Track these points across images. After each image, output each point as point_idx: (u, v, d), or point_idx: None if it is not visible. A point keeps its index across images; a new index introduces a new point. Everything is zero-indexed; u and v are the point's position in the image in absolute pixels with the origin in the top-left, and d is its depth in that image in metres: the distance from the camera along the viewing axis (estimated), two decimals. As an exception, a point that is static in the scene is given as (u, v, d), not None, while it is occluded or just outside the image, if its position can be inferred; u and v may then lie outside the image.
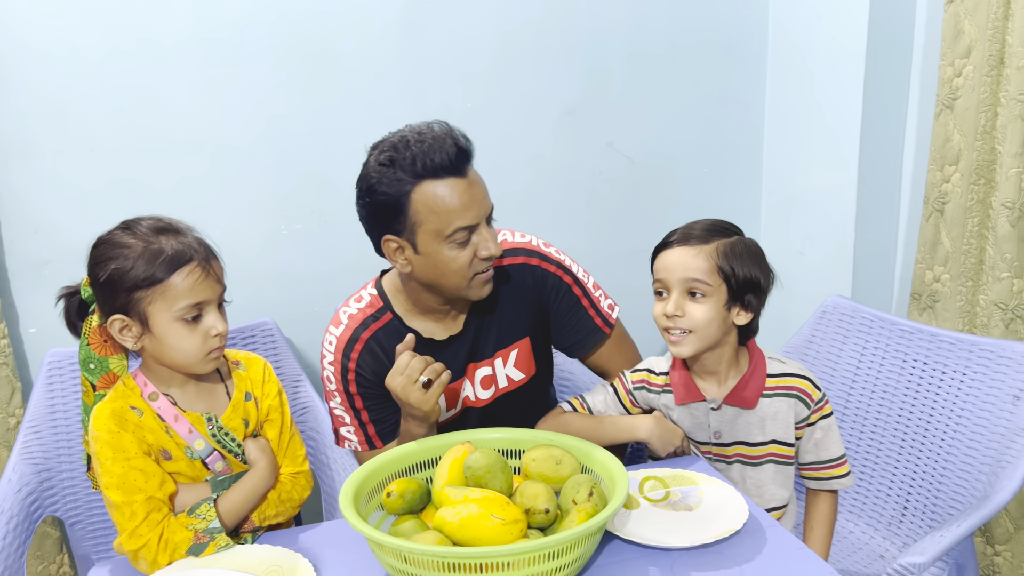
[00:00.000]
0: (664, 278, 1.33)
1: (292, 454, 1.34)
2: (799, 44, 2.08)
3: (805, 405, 1.37)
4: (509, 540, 1.04)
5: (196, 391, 1.26)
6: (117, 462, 1.16)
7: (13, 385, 1.75)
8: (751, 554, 1.13)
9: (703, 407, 1.39)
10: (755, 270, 1.33)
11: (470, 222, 1.30)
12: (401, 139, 1.31)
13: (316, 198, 1.92)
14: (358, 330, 1.43)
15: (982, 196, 1.77)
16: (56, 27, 1.69)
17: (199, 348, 1.18)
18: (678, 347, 1.34)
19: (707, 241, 1.31)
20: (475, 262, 1.33)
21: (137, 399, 1.22)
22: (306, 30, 1.83)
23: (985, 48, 1.68)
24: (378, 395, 1.44)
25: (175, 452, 1.22)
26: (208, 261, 1.19)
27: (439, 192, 1.29)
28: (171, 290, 1.15)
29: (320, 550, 1.17)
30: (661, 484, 1.28)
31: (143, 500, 1.16)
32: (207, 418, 1.24)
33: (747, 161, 2.24)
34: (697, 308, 1.31)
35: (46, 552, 1.82)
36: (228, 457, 1.26)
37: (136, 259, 1.14)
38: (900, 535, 1.63)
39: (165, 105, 1.78)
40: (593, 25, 2.02)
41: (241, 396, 1.29)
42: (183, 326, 1.17)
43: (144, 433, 1.20)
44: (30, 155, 1.73)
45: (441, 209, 1.29)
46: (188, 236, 1.20)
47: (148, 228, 1.18)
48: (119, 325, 1.17)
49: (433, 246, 1.31)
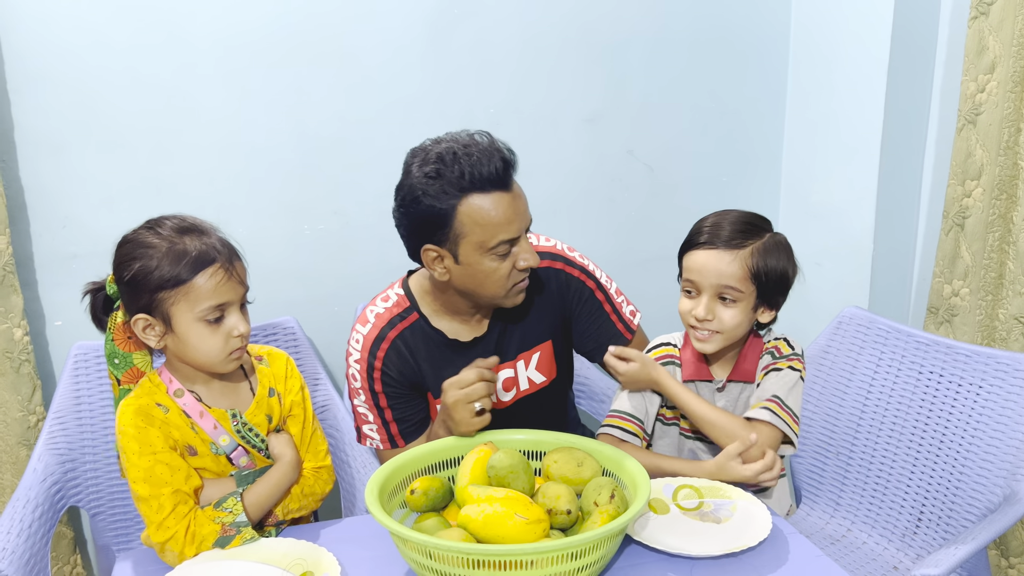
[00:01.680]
0: (696, 280, 1.34)
1: (315, 448, 1.35)
2: (820, 55, 2.09)
3: (772, 357, 1.40)
4: (532, 539, 1.05)
5: (220, 388, 1.27)
6: (144, 456, 1.18)
7: (34, 383, 1.76)
8: (770, 563, 1.15)
9: (709, 387, 1.41)
10: (785, 267, 1.35)
11: (514, 235, 1.32)
12: (448, 150, 1.30)
13: (339, 200, 1.94)
14: (385, 329, 1.44)
15: (1003, 211, 1.77)
16: (87, 26, 1.71)
17: (221, 348, 1.19)
18: (703, 344, 1.36)
19: (742, 245, 1.32)
20: (513, 273, 1.35)
21: (163, 396, 1.23)
22: (333, 36, 1.85)
23: (1010, 64, 1.69)
24: (402, 394, 1.46)
25: (201, 448, 1.23)
26: (231, 262, 1.19)
27: (485, 206, 1.30)
28: (194, 291, 1.16)
29: (342, 545, 1.19)
30: (696, 494, 1.28)
31: (170, 493, 1.17)
32: (231, 414, 1.25)
33: (766, 172, 2.25)
34: (727, 312, 1.33)
35: (61, 552, 1.83)
36: (252, 452, 1.27)
37: (161, 259, 1.15)
38: (914, 547, 1.64)
39: (193, 105, 1.81)
40: (615, 33, 2.04)
41: (265, 392, 1.30)
42: (206, 327, 1.17)
43: (170, 429, 1.21)
44: (60, 151, 1.76)
45: (487, 222, 1.30)
46: (212, 237, 1.20)
47: (173, 228, 1.18)
48: (143, 324, 1.19)
49: (475, 257, 1.32)
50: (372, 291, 1.55)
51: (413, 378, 1.46)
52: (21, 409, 1.74)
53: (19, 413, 1.74)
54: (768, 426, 1.32)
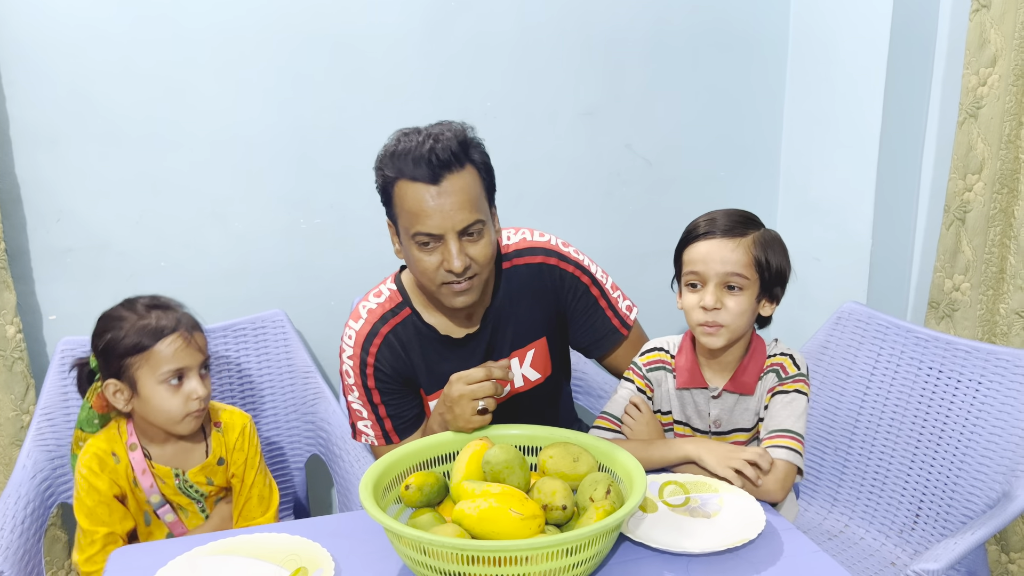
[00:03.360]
0: (701, 270, 1.32)
1: (260, 498, 1.50)
2: (820, 49, 2.08)
3: (777, 376, 1.37)
4: (527, 535, 1.04)
5: (175, 448, 1.44)
6: (90, 495, 1.37)
7: (27, 381, 1.73)
8: (767, 558, 1.14)
9: (704, 395, 1.40)
10: (782, 260, 1.34)
11: (431, 231, 1.30)
12: (405, 133, 1.34)
13: (335, 194, 1.93)
14: (377, 324, 1.44)
15: (1004, 205, 1.77)
16: (83, 20, 1.70)
17: (180, 409, 1.36)
18: (712, 339, 1.33)
19: (743, 234, 1.31)
20: (441, 271, 1.32)
21: (120, 446, 1.41)
22: (330, 28, 1.84)
23: (1011, 58, 1.68)
24: (396, 390, 1.45)
25: (130, 500, 1.43)
26: (191, 332, 1.37)
27: (408, 194, 1.30)
28: (155, 357, 1.34)
29: (336, 540, 1.18)
30: (682, 489, 1.28)
31: (104, 534, 1.37)
32: (175, 473, 1.43)
33: (764, 166, 2.24)
34: (733, 300, 1.31)
35: (55, 557, 1.81)
36: (186, 506, 1.46)
37: (128, 330, 1.34)
38: (912, 542, 1.63)
39: (189, 99, 1.80)
40: (613, 27, 2.02)
41: (214, 460, 1.46)
42: (166, 389, 1.35)
43: (117, 477, 1.40)
44: (55, 145, 1.75)
45: (407, 210, 1.31)
46: (177, 311, 1.39)
47: (143, 305, 1.38)
48: (112, 388, 1.37)
49: (406, 240, 1.34)
50: (368, 286, 1.54)
51: (406, 373, 1.45)
52: (14, 408, 1.73)
53: (12, 412, 1.73)
54: (790, 466, 1.29)
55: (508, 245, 1.50)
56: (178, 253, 1.87)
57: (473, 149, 1.33)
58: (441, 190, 1.28)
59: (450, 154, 1.28)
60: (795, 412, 1.33)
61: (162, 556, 1.15)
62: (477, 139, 1.35)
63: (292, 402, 1.86)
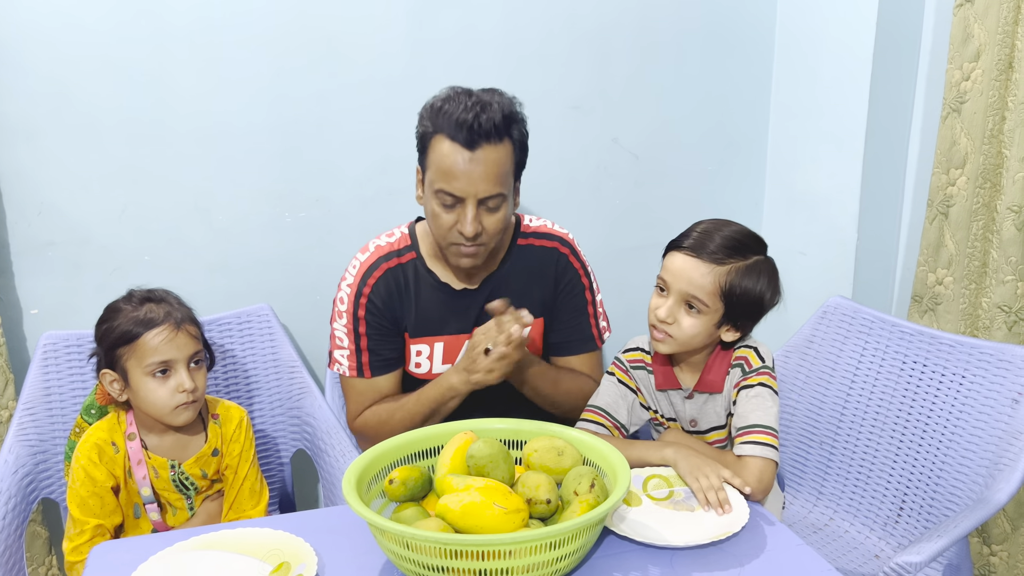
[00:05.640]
0: (668, 281, 1.34)
1: (251, 491, 1.50)
2: (806, 44, 2.08)
3: (742, 371, 1.37)
4: (511, 529, 1.04)
5: (172, 440, 1.45)
6: (85, 485, 1.38)
7: (6, 376, 1.71)
8: (751, 551, 1.14)
9: (679, 395, 1.41)
10: (763, 292, 1.32)
11: (455, 192, 1.35)
12: (454, 91, 1.39)
13: (320, 187, 1.92)
14: (380, 259, 1.51)
15: (987, 200, 1.77)
16: (62, 10, 1.68)
17: (167, 401, 1.37)
18: (658, 344, 1.36)
19: (721, 262, 1.30)
20: (453, 232, 1.39)
21: (119, 436, 1.42)
22: (313, 19, 1.82)
23: (994, 52, 1.69)
24: (382, 326, 1.51)
25: (122, 492, 1.43)
26: (180, 324, 1.38)
27: (443, 151, 1.36)
28: (141, 347, 1.36)
29: (320, 535, 1.17)
30: (665, 483, 1.28)
31: (94, 525, 1.38)
32: (171, 464, 1.44)
33: (751, 160, 2.24)
34: (687, 320, 1.32)
35: (35, 553, 1.80)
36: (173, 501, 1.46)
37: (121, 321, 1.37)
38: (895, 535, 1.64)
39: (170, 90, 1.78)
40: (599, 21, 2.02)
41: (209, 451, 1.47)
42: (153, 380, 1.36)
43: (114, 467, 1.41)
44: (34, 137, 1.72)
45: (437, 165, 1.37)
46: (171, 304, 1.41)
47: (139, 297, 1.41)
48: (109, 378, 1.39)
49: (429, 192, 1.40)
50: (353, 279, 1.53)
51: (396, 312, 1.50)
52: (-6, 402, 1.71)
53: (-8, 406, 1.71)
54: (765, 461, 1.28)
55: (529, 226, 1.58)
56: (162, 247, 1.86)
57: (515, 125, 1.39)
58: (474, 157, 1.34)
59: (492, 125, 1.34)
60: (762, 406, 1.33)
61: (144, 551, 1.14)
62: (522, 115, 1.41)
63: (278, 397, 1.85)
